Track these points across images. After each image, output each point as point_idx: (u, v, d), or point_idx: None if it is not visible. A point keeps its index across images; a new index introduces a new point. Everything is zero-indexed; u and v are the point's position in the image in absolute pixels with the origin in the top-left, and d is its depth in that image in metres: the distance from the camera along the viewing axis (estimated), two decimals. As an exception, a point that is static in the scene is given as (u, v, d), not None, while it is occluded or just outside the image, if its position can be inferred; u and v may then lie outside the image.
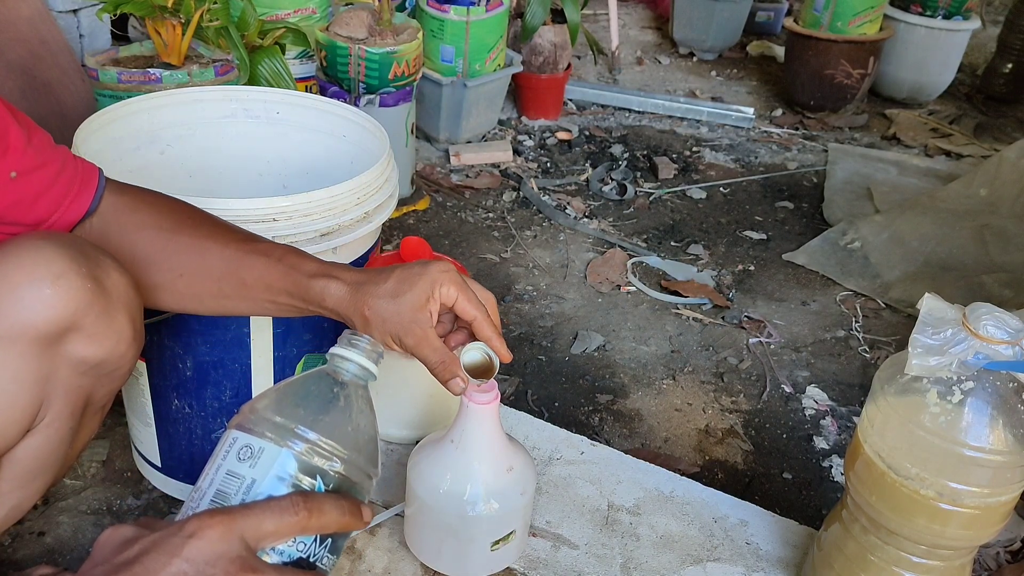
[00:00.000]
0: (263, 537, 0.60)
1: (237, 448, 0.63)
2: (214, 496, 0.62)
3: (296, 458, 0.62)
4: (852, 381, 1.78)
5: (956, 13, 3.20)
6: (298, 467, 0.62)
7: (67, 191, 0.85)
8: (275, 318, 1.13)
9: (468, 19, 2.48)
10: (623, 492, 1.11)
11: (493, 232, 2.23)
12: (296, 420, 0.63)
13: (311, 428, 0.63)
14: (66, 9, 2.02)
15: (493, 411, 0.91)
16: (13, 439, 0.82)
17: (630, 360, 1.78)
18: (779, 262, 2.21)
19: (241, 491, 0.61)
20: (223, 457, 0.63)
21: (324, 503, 0.62)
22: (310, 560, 0.62)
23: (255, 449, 0.62)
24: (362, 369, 0.70)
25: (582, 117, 2.99)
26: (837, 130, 3.08)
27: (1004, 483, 0.80)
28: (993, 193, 2.46)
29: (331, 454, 0.64)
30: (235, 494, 0.61)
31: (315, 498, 0.62)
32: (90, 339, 0.82)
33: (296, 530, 0.61)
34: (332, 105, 1.33)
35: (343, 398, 0.67)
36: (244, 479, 0.61)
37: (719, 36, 3.60)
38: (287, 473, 0.62)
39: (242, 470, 0.62)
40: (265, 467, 0.61)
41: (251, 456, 0.62)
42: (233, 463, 0.62)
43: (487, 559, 0.96)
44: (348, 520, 0.64)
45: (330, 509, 0.62)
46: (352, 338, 0.72)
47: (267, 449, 0.62)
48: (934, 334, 0.79)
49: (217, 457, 0.64)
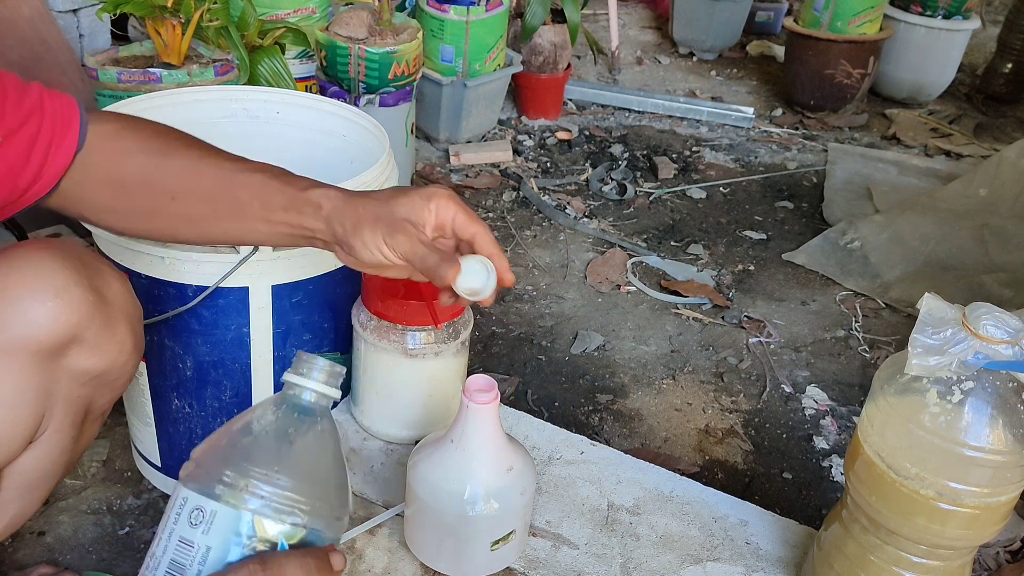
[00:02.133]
0: None
1: (188, 511, 0.58)
2: (168, 567, 0.58)
3: (252, 519, 0.57)
4: (852, 381, 1.78)
5: (956, 13, 3.20)
6: (255, 528, 0.57)
7: (51, 139, 0.80)
8: (274, 317, 1.14)
9: (468, 19, 2.48)
10: (623, 492, 1.11)
11: (493, 232, 2.23)
12: (249, 475, 0.57)
13: (266, 482, 0.57)
14: (66, 9, 2.02)
15: (493, 411, 0.91)
16: (16, 451, 0.82)
17: (630, 360, 1.78)
18: (779, 262, 2.21)
19: (196, 562, 0.57)
20: (174, 520, 0.58)
21: (286, 567, 0.57)
22: None
23: (207, 512, 0.57)
24: (321, 396, 0.63)
25: (582, 117, 2.99)
26: (837, 130, 3.08)
27: (1004, 483, 0.80)
28: (993, 193, 2.46)
29: (292, 507, 0.58)
30: (190, 566, 0.57)
31: (275, 562, 0.57)
32: (92, 351, 0.82)
33: None
34: (332, 105, 1.33)
35: (301, 436, 0.61)
36: (198, 548, 0.57)
37: (719, 36, 3.60)
38: (244, 536, 0.57)
39: (195, 537, 0.57)
40: (219, 533, 0.57)
41: (203, 520, 0.57)
42: (185, 528, 0.57)
43: (487, 559, 0.96)
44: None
45: (293, 571, 0.58)
46: (307, 360, 0.63)
47: (219, 512, 0.57)
48: (934, 334, 0.79)
49: (169, 519, 0.59)
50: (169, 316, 1.09)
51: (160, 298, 1.10)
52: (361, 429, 1.17)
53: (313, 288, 1.15)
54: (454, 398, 1.13)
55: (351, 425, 1.18)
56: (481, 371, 1.61)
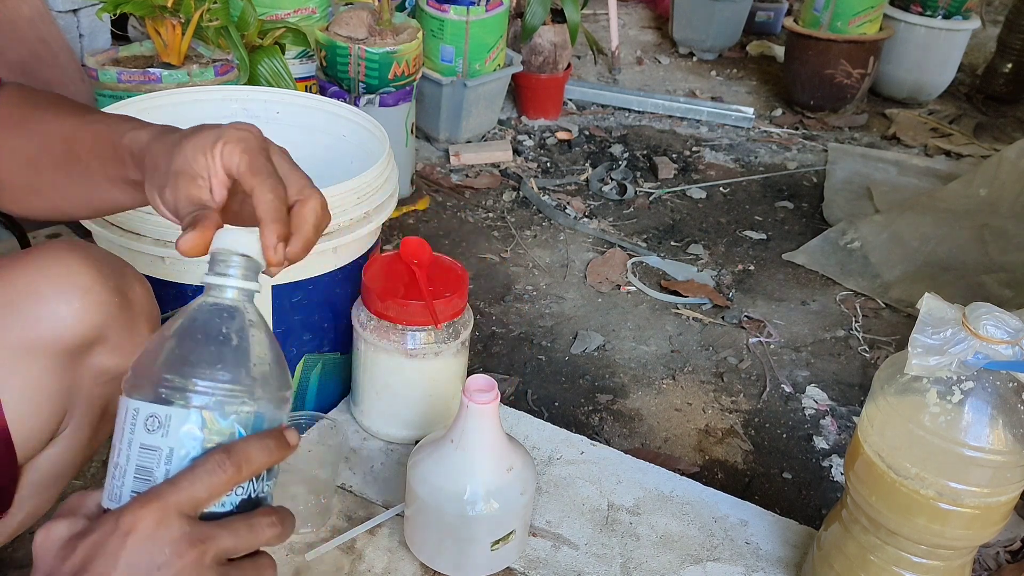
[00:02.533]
0: (199, 504, 0.59)
1: (143, 419, 0.61)
2: (136, 473, 0.61)
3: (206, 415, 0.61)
4: (852, 381, 1.78)
5: (956, 13, 3.20)
6: (210, 423, 0.61)
7: None
8: (274, 317, 1.14)
9: (468, 19, 2.48)
10: (623, 492, 1.11)
11: (493, 232, 2.23)
12: (192, 376, 0.61)
13: (211, 379, 0.61)
14: (66, 9, 2.02)
15: (493, 411, 0.91)
16: (38, 448, 0.83)
17: (630, 360, 1.78)
18: (779, 262, 2.21)
19: (162, 462, 0.61)
20: (131, 431, 0.62)
21: (249, 450, 0.60)
22: (252, 498, 0.63)
23: (162, 418, 0.61)
24: (243, 292, 0.64)
25: (582, 117, 2.99)
26: (837, 130, 3.08)
27: (1004, 483, 0.80)
28: (993, 193, 2.46)
29: (240, 398, 0.62)
30: (157, 466, 0.61)
31: (238, 449, 0.60)
32: (114, 351, 0.83)
33: (229, 486, 0.60)
34: (332, 105, 1.33)
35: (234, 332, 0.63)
36: (161, 450, 0.61)
37: (719, 36, 3.60)
38: (201, 432, 0.61)
39: (156, 441, 0.61)
40: (177, 433, 0.61)
41: (160, 426, 0.61)
42: (144, 436, 0.61)
43: (487, 559, 0.96)
44: (276, 455, 0.63)
45: (256, 453, 0.61)
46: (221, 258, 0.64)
47: (174, 415, 0.61)
48: (934, 334, 0.79)
49: (124, 431, 0.62)
50: (169, 316, 1.09)
51: (160, 298, 1.09)
52: (361, 429, 1.17)
53: (313, 288, 1.15)
54: (454, 398, 1.13)
55: (351, 425, 1.18)
56: (481, 371, 1.61)
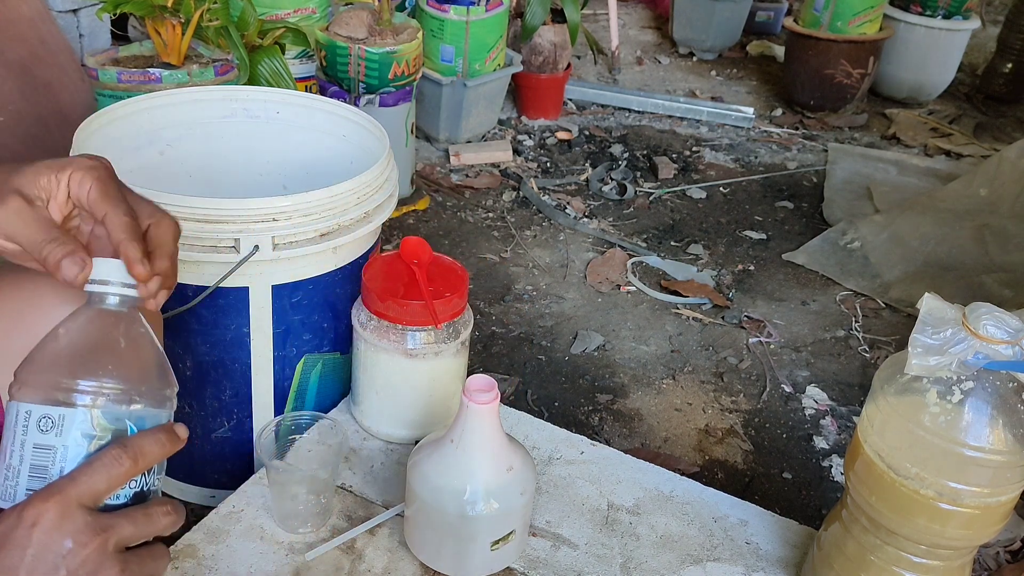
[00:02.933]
0: (98, 496, 0.62)
1: (35, 421, 0.63)
2: (31, 472, 0.63)
3: (97, 414, 0.64)
4: (852, 381, 1.78)
5: (956, 13, 3.20)
6: (102, 421, 0.64)
7: None
8: (274, 317, 1.14)
9: (468, 19, 2.48)
10: (623, 492, 1.11)
11: (493, 232, 2.23)
12: (82, 376, 0.64)
13: (99, 379, 0.64)
14: (66, 9, 2.02)
15: (493, 411, 0.91)
16: None
17: (630, 360, 1.78)
18: (779, 262, 2.21)
19: (57, 460, 0.63)
20: (23, 432, 0.64)
21: (143, 444, 0.64)
22: (144, 491, 0.67)
23: (56, 418, 0.63)
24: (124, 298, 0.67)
25: (582, 117, 2.99)
26: (837, 130, 3.08)
27: (1004, 483, 0.80)
28: (993, 193, 2.46)
29: (128, 396, 0.65)
30: (52, 465, 0.63)
31: (133, 443, 0.64)
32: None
33: (126, 478, 0.63)
34: (332, 105, 1.33)
35: (118, 334, 0.67)
36: (55, 448, 0.63)
37: (719, 36, 3.60)
38: (94, 430, 0.64)
39: (50, 440, 0.63)
40: (71, 432, 0.63)
41: (54, 426, 0.63)
42: (37, 436, 0.63)
43: (487, 559, 0.96)
44: (168, 447, 0.67)
45: (150, 447, 0.65)
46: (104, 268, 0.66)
47: (66, 415, 0.63)
48: (934, 334, 0.79)
49: (16, 433, 0.64)
50: (169, 316, 1.09)
51: (160, 298, 1.10)
52: (361, 429, 1.17)
53: (313, 288, 1.15)
54: (454, 398, 1.13)
55: (351, 425, 1.18)
56: (481, 371, 1.61)
